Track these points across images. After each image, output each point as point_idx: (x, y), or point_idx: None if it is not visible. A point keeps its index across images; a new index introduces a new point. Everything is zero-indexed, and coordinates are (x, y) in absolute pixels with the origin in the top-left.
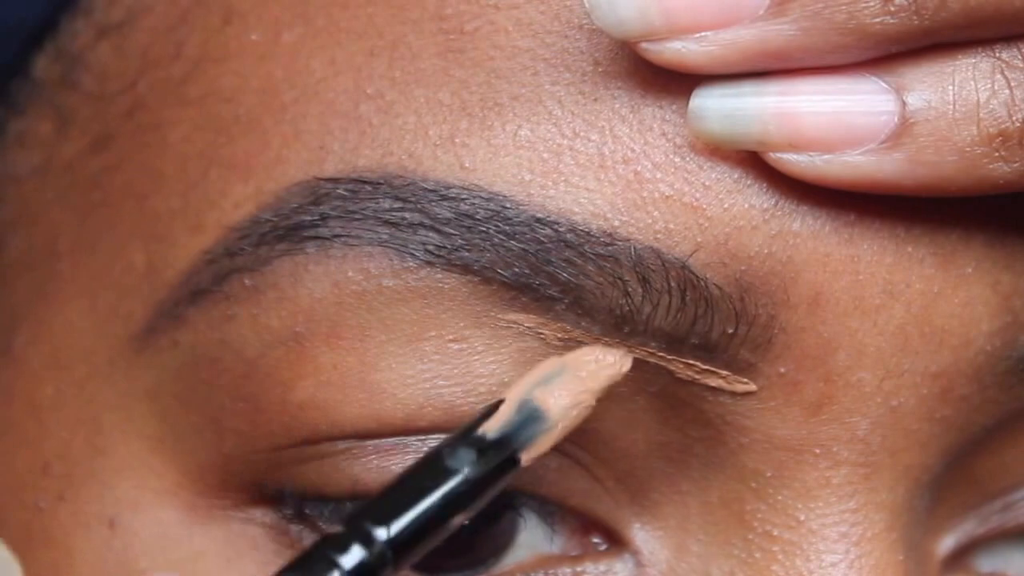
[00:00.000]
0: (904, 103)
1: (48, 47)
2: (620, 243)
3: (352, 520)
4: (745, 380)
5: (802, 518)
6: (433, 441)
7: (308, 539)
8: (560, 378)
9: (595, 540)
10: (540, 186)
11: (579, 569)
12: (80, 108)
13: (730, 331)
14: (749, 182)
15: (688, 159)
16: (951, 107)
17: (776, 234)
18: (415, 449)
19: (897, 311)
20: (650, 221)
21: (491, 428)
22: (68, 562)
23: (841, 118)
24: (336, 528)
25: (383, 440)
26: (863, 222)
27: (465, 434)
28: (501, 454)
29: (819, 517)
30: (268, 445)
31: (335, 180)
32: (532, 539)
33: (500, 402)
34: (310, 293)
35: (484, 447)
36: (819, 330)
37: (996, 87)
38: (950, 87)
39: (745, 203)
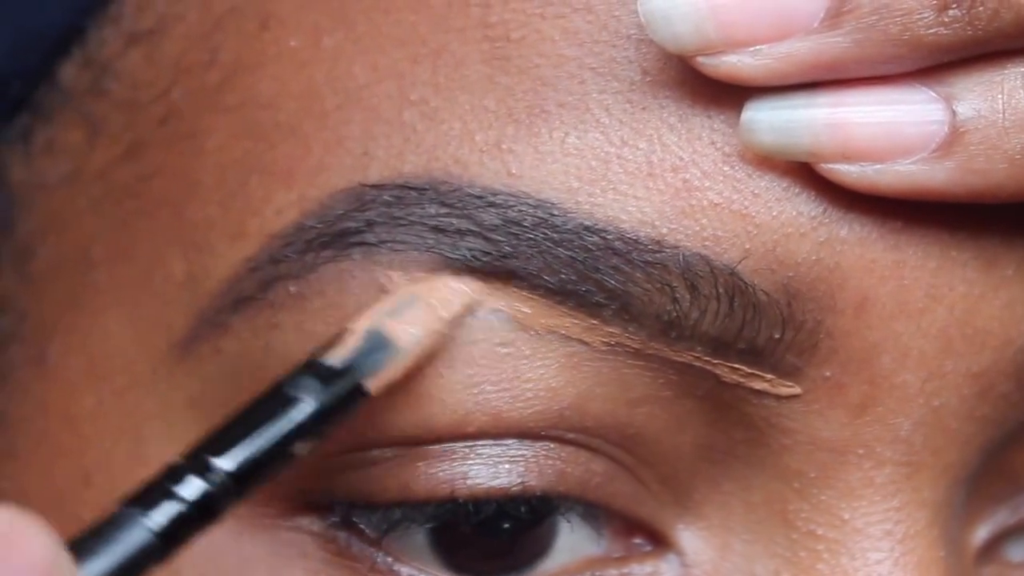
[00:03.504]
0: (954, 112)
1: (76, 54)
2: (668, 250)
3: (192, 452)
4: (790, 383)
5: (846, 517)
6: (481, 448)
7: (357, 547)
8: (411, 308)
9: (638, 541)
10: (588, 194)
11: (625, 571)
12: (111, 116)
13: (777, 336)
14: (797, 190)
15: (737, 168)
16: (1001, 115)
17: (824, 241)
18: (462, 456)
19: (940, 314)
20: (698, 228)
21: (336, 357)
22: None
23: (892, 128)
24: (177, 460)
25: (430, 447)
26: (909, 228)
27: (309, 363)
28: (346, 382)
29: (863, 516)
30: (315, 452)
31: (380, 186)
32: (574, 541)
33: (345, 331)
34: (356, 299)
35: (328, 375)
36: (864, 334)
37: None
38: (1000, 96)
39: (793, 211)
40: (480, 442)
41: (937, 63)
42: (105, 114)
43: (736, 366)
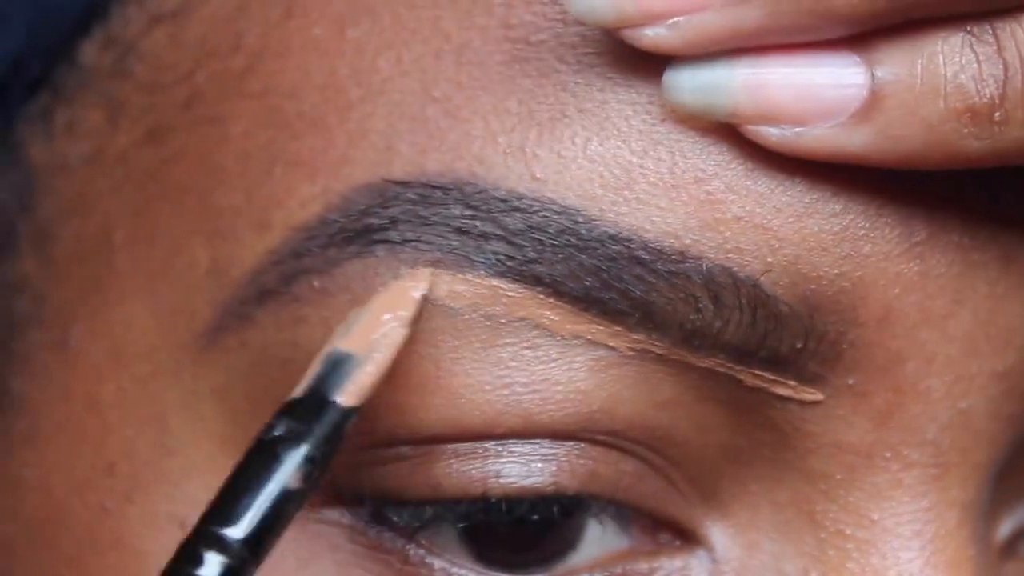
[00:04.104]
0: (874, 76)
1: (97, 34)
2: (692, 261)
3: (199, 528)
4: (812, 390)
5: (875, 517)
6: (513, 446)
7: (388, 540)
8: (358, 322)
9: (666, 538)
10: (611, 202)
11: (655, 564)
12: (133, 98)
13: (799, 346)
14: (820, 206)
15: (760, 182)
16: (918, 80)
17: (846, 256)
18: (494, 453)
19: (964, 317)
20: (721, 240)
21: (298, 388)
22: (138, 563)
23: (810, 90)
24: (187, 538)
25: (461, 444)
26: (932, 238)
27: (279, 408)
28: (316, 405)
29: (892, 516)
30: (343, 447)
31: (404, 183)
32: (601, 536)
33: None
34: None
35: (296, 408)
36: (888, 344)
37: (964, 61)
38: (919, 61)
39: (815, 226)
40: (511, 441)
41: (857, 31)
42: (127, 95)
43: (759, 373)
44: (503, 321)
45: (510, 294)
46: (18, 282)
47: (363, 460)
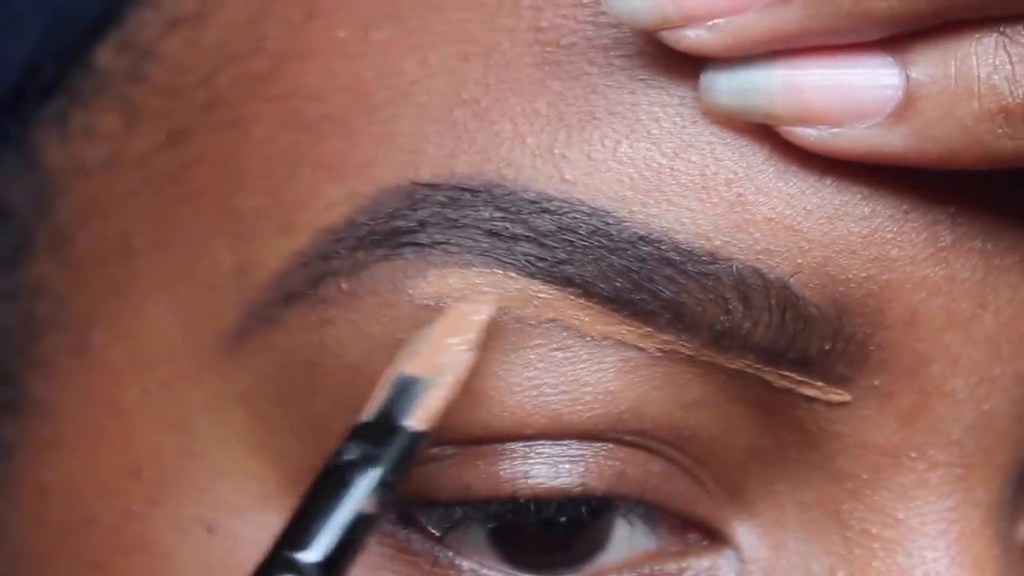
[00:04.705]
0: (908, 77)
1: (112, 38)
2: (722, 262)
3: (274, 553)
4: (839, 391)
5: (901, 517)
6: (541, 447)
7: (417, 542)
8: (426, 344)
9: (693, 538)
10: (642, 204)
11: (683, 565)
12: (151, 101)
13: (827, 347)
14: (849, 209)
15: (791, 184)
16: (952, 81)
17: (874, 259)
18: (522, 454)
19: (988, 321)
20: (751, 242)
21: (367, 412)
22: (165, 567)
23: (847, 91)
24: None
25: (490, 445)
26: (957, 244)
27: (349, 430)
28: (386, 430)
29: (917, 516)
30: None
31: (433, 186)
32: (630, 537)
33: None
34: (411, 300)
35: (365, 432)
36: (914, 346)
37: (998, 62)
38: (953, 62)
39: (844, 229)
40: (539, 442)
41: (895, 33)
42: (144, 99)
43: (786, 374)
44: (533, 323)
45: (540, 296)
46: (36, 285)
47: None
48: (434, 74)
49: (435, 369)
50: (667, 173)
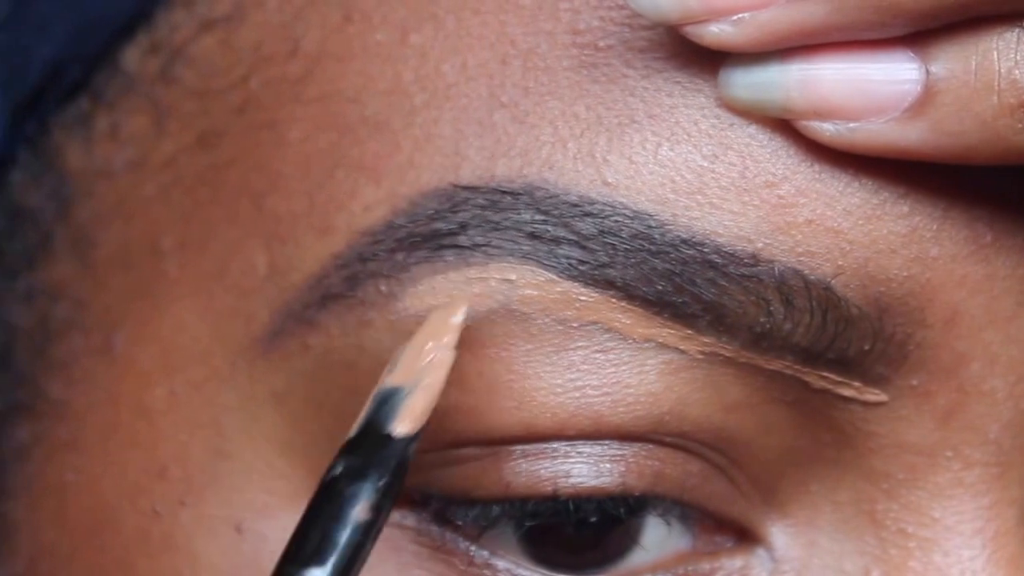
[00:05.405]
0: (928, 72)
1: (141, 40)
2: (764, 264)
3: (279, 571)
4: (876, 391)
5: (937, 516)
6: (582, 446)
7: (452, 541)
8: (402, 357)
9: (721, 538)
10: (684, 207)
11: (716, 564)
12: (181, 103)
13: (867, 348)
14: (888, 208)
15: (829, 185)
16: (972, 76)
17: (914, 258)
18: (563, 453)
19: None
20: (793, 244)
21: (352, 428)
22: (193, 567)
23: (864, 86)
24: None
25: (531, 445)
26: (998, 241)
27: (338, 451)
28: (372, 440)
29: (954, 515)
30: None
31: (474, 188)
32: (661, 537)
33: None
34: None
35: (348, 447)
36: (954, 345)
37: (1018, 57)
38: (973, 57)
39: (884, 228)
40: (581, 441)
41: (920, 29)
42: (174, 101)
43: (825, 374)
44: (575, 325)
45: (582, 298)
46: (54, 288)
47: (432, 461)
48: (473, 77)
49: (415, 375)
50: (708, 175)
